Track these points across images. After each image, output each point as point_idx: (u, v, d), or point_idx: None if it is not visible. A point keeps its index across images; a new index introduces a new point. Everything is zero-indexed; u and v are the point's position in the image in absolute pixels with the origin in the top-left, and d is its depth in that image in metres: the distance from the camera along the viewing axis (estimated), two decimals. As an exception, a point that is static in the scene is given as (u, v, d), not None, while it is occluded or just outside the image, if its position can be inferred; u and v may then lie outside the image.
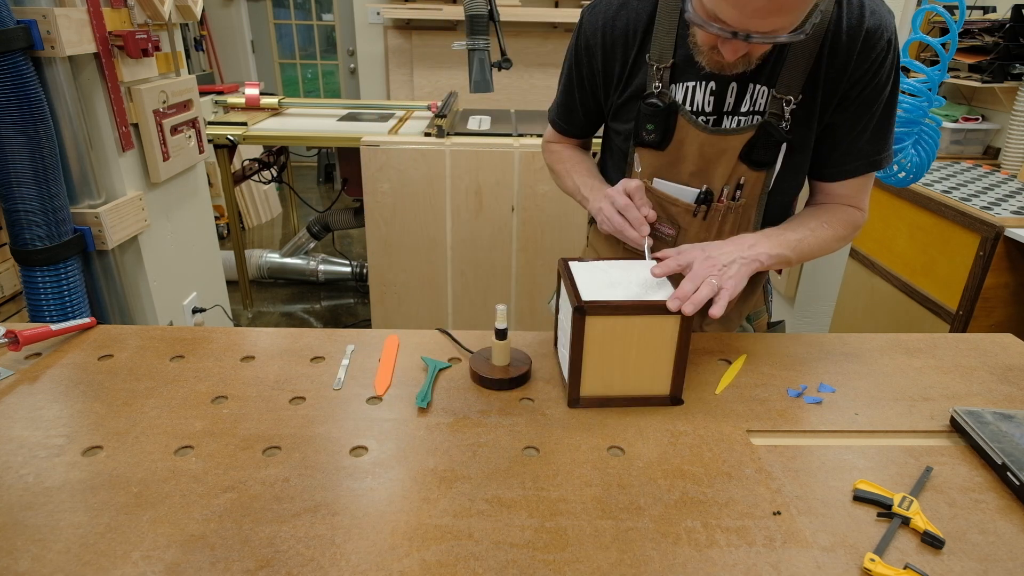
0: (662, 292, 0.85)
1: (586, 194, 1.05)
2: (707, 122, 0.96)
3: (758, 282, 1.15)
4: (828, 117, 0.94)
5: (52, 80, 1.43)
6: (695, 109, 0.96)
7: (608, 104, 1.05)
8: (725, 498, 0.70)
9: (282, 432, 0.79)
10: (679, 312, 0.80)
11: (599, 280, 0.87)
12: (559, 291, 0.93)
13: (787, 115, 0.92)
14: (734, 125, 0.96)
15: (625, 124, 1.03)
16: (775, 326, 1.22)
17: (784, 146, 0.95)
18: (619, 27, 0.97)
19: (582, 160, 1.14)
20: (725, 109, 0.95)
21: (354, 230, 4.10)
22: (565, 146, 1.19)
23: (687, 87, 0.95)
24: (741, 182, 0.99)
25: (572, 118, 1.13)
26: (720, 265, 0.85)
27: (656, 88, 0.96)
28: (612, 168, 1.13)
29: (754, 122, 0.94)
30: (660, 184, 1.04)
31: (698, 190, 1.01)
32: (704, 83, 0.94)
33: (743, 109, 0.95)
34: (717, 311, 0.80)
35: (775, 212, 1.04)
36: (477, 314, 2.55)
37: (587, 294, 0.82)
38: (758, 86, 0.93)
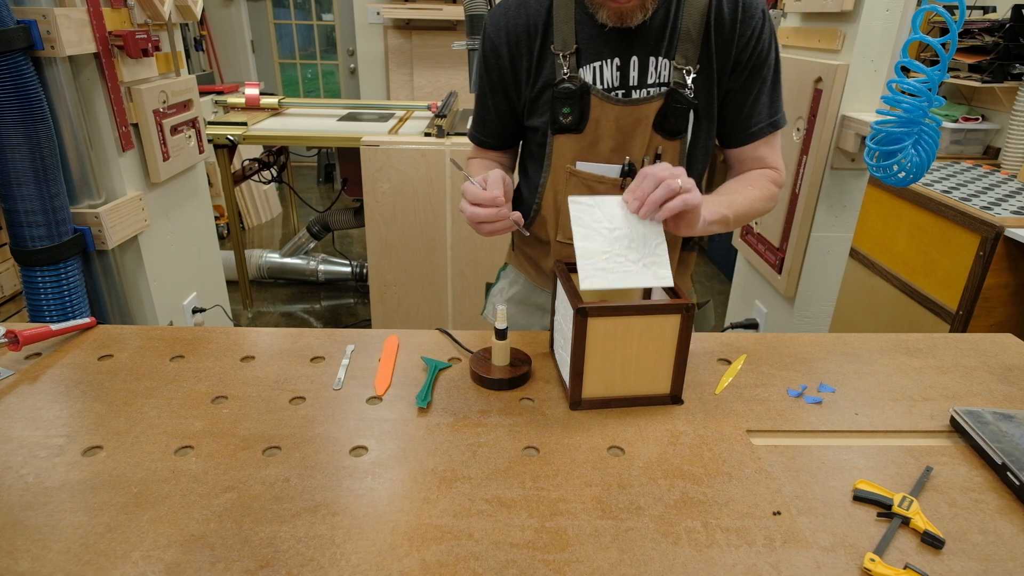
0: (661, 261, 0.84)
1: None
2: (618, 96, 1.01)
3: (689, 263, 1.19)
4: (727, 83, 1.02)
5: (52, 80, 1.43)
6: (605, 87, 1.01)
7: (521, 102, 1.08)
8: (725, 498, 0.70)
9: (282, 432, 0.79)
10: (637, 210, 0.82)
11: (600, 238, 0.83)
12: (554, 294, 0.93)
13: (689, 83, 0.99)
14: (643, 96, 1.01)
15: (540, 118, 1.06)
16: (701, 307, 1.26)
17: (692, 114, 1.01)
18: (520, 24, 1.03)
19: (483, 167, 1.14)
20: (631, 84, 1.01)
21: (354, 230, 4.10)
22: (478, 159, 1.18)
23: (594, 68, 1.01)
24: (659, 152, 1.03)
25: (487, 127, 1.14)
26: (684, 176, 0.85)
27: (565, 74, 1.01)
28: (532, 170, 1.13)
29: (662, 91, 1.00)
30: (583, 166, 1.06)
31: (620, 165, 1.04)
32: (609, 61, 1.00)
33: (649, 81, 1.00)
34: (677, 204, 0.81)
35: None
36: (477, 314, 2.55)
37: (587, 277, 0.80)
38: (659, 59, 0.99)
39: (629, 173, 1.04)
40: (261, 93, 3.20)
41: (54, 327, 0.97)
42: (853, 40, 1.56)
